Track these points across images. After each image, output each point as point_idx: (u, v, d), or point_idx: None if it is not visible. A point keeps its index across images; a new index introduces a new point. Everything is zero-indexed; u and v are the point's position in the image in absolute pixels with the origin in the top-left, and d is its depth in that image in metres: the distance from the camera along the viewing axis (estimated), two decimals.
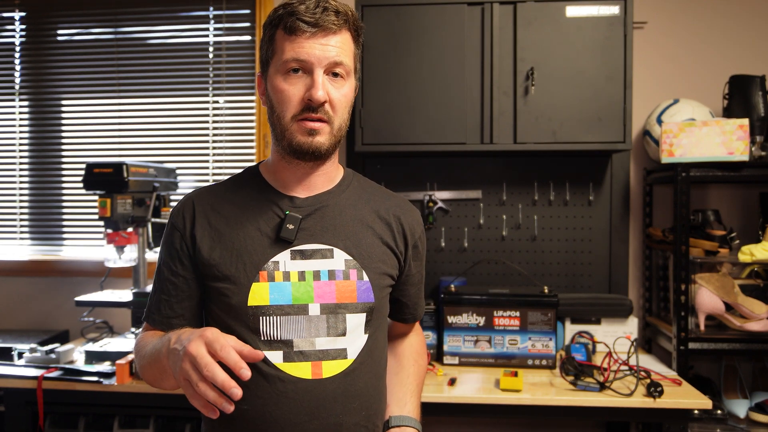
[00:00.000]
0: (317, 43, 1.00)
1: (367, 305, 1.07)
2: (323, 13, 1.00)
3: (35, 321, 2.52)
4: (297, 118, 1.02)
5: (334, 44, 1.01)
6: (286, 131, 1.03)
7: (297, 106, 1.02)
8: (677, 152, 1.93)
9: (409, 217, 1.17)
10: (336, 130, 1.05)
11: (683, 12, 2.29)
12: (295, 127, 1.02)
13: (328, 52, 1.00)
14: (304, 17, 0.99)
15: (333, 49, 1.01)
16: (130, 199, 2.06)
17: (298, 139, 1.03)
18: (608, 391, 1.70)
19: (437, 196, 2.33)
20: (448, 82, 2.01)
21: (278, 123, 1.04)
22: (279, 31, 1.03)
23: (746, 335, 1.87)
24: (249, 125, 2.49)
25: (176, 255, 1.09)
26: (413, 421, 1.14)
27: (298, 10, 0.99)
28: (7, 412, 1.86)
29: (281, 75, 1.02)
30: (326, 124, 1.03)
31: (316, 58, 1.00)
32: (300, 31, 0.99)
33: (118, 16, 2.53)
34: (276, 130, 1.05)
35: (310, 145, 1.03)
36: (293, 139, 1.03)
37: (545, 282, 2.27)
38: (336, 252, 1.07)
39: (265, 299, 1.03)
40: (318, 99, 1.00)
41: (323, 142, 1.03)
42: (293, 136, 1.03)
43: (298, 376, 1.02)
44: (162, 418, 1.88)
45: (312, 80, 1.00)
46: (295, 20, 0.99)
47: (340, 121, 1.05)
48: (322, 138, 1.03)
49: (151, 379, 1.07)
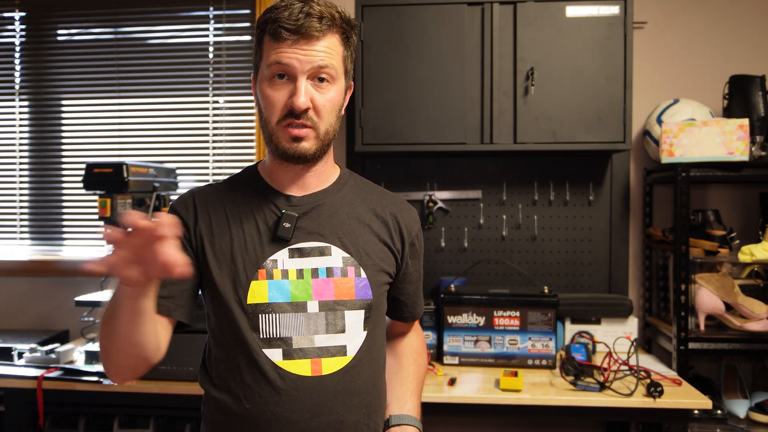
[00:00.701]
0: (300, 50, 1.00)
1: (365, 302, 1.08)
2: (306, 19, 0.99)
3: (35, 321, 2.52)
4: (282, 124, 1.03)
5: (319, 49, 1.00)
6: (273, 135, 1.05)
7: (281, 111, 1.02)
8: (677, 152, 1.93)
9: (405, 216, 1.17)
10: (323, 135, 1.05)
11: (683, 12, 2.30)
12: (281, 132, 1.03)
13: (311, 57, 1.00)
14: (286, 24, 0.98)
15: (317, 54, 1.00)
16: (130, 199, 2.06)
17: (283, 144, 1.04)
18: (608, 391, 1.70)
19: (437, 196, 2.33)
20: (448, 82, 2.01)
21: (265, 127, 1.06)
22: (265, 37, 1.03)
23: (746, 335, 1.87)
24: (249, 125, 2.49)
25: (181, 238, 1.06)
26: (413, 419, 1.14)
27: (281, 17, 0.99)
28: (7, 412, 1.86)
29: (266, 80, 1.03)
30: (311, 129, 1.03)
31: (299, 64, 1.00)
32: (282, 38, 0.99)
33: (118, 16, 2.53)
34: (265, 134, 1.07)
35: (295, 151, 1.03)
36: (279, 144, 1.04)
37: (545, 282, 2.27)
38: (333, 250, 1.07)
39: (264, 297, 1.03)
40: (299, 106, 1.00)
41: (309, 147, 1.04)
42: (279, 141, 1.04)
43: (298, 373, 1.02)
44: (162, 418, 1.88)
45: (295, 87, 1.01)
46: (278, 27, 0.99)
47: (327, 125, 1.05)
48: (308, 144, 1.04)
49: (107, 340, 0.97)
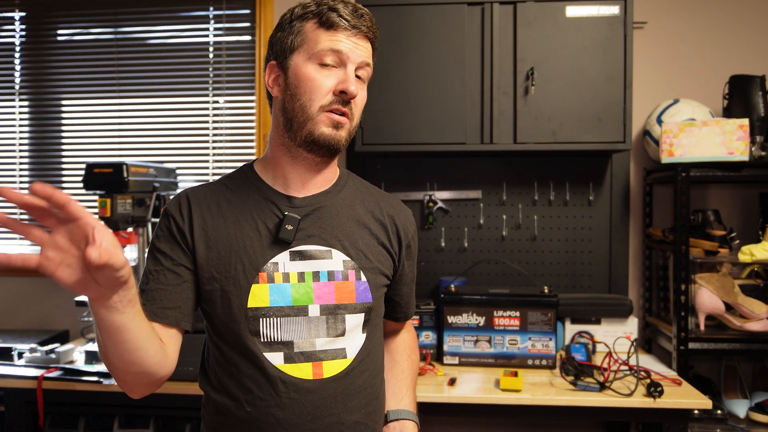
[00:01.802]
0: (353, 41, 1.02)
1: (365, 305, 1.07)
2: (361, 18, 1.03)
3: (35, 321, 2.52)
4: (325, 109, 1.02)
5: (365, 47, 1.05)
6: (310, 121, 1.02)
7: (328, 96, 1.02)
8: (677, 152, 1.93)
9: (402, 217, 1.17)
10: (353, 129, 1.06)
11: (683, 12, 2.29)
12: (322, 117, 1.02)
13: (361, 52, 1.03)
14: (345, 15, 1.02)
15: (364, 50, 1.04)
16: (130, 199, 2.05)
17: (322, 130, 1.02)
18: (608, 391, 1.70)
19: (437, 196, 2.33)
20: (448, 82, 2.01)
21: (301, 112, 1.02)
22: (310, 24, 1.03)
23: (746, 335, 1.87)
24: (249, 125, 2.49)
25: (177, 244, 1.05)
26: (410, 414, 1.15)
27: (339, 8, 1.02)
28: (7, 412, 1.86)
29: (312, 64, 1.02)
30: (348, 120, 1.04)
31: (352, 54, 1.02)
32: (340, 26, 1.01)
33: (118, 16, 2.53)
34: (296, 119, 1.03)
35: (333, 138, 1.03)
36: (316, 130, 1.02)
37: (545, 282, 2.27)
38: (334, 253, 1.07)
39: (265, 301, 1.02)
40: (352, 92, 1.01)
41: (343, 136, 1.04)
42: (317, 127, 1.02)
43: (300, 377, 1.02)
44: (162, 418, 1.88)
45: (345, 74, 1.02)
46: (336, 16, 1.01)
47: (356, 121, 1.07)
48: (344, 132, 1.04)
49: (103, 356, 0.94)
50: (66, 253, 0.76)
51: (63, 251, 0.75)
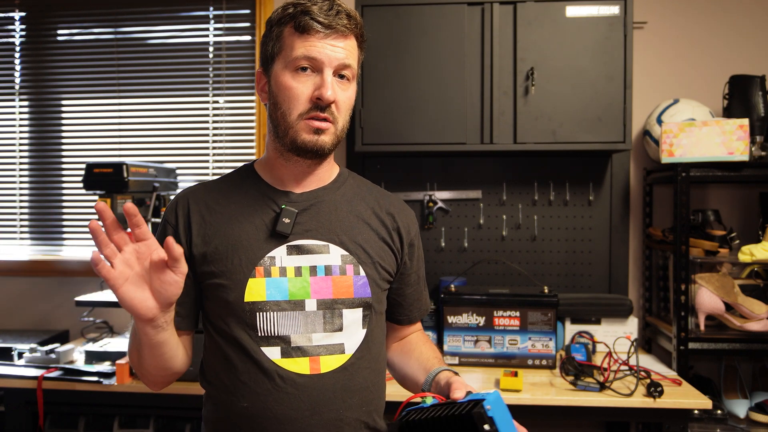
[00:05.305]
0: (328, 44, 1.01)
1: (364, 300, 1.07)
2: (336, 16, 1.01)
3: (35, 321, 2.52)
4: (304, 117, 1.02)
5: (344, 47, 1.02)
6: (291, 129, 1.03)
7: (305, 104, 1.01)
8: (677, 152, 1.93)
9: (404, 216, 1.17)
10: (339, 131, 1.05)
11: (683, 12, 2.30)
12: (302, 125, 1.02)
13: (338, 54, 1.01)
14: (318, 17, 1.00)
15: (342, 51, 1.02)
16: (130, 199, 2.05)
17: (303, 137, 1.02)
18: (608, 391, 1.70)
19: (437, 196, 2.33)
20: (448, 82, 2.01)
21: (282, 120, 1.03)
22: (288, 29, 1.02)
23: (746, 335, 1.87)
24: (249, 125, 2.49)
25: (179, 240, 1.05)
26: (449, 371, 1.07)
27: (312, 10, 1.00)
28: (7, 412, 1.87)
29: (289, 72, 1.02)
30: (331, 124, 1.03)
31: (327, 58, 1.00)
32: (313, 30, 1.00)
33: (118, 16, 2.53)
34: (279, 127, 1.05)
35: (315, 144, 1.03)
36: (298, 137, 1.03)
37: (545, 282, 2.27)
38: (332, 247, 1.07)
39: (262, 295, 1.03)
40: (328, 98, 1.00)
41: (327, 141, 1.04)
42: (298, 134, 1.02)
43: (297, 371, 1.02)
44: (162, 418, 1.89)
45: (321, 79, 1.01)
46: (309, 19, 1.00)
47: (343, 122, 1.06)
48: (327, 137, 1.03)
49: (137, 362, 1.04)
50: (132, 270, 0.87)
51: (130, 267, 0.87)
